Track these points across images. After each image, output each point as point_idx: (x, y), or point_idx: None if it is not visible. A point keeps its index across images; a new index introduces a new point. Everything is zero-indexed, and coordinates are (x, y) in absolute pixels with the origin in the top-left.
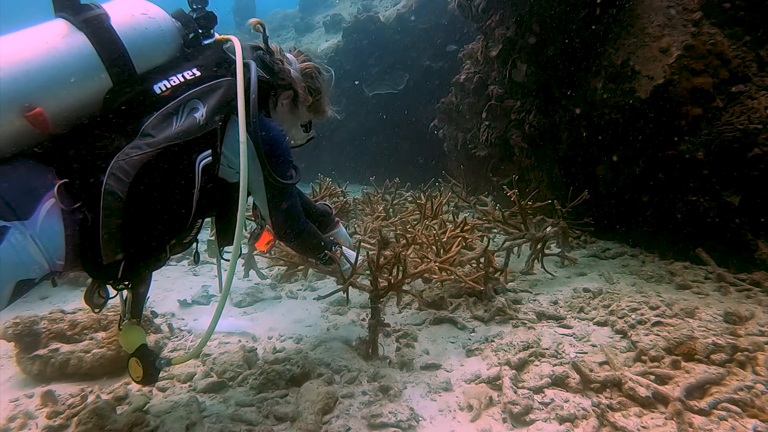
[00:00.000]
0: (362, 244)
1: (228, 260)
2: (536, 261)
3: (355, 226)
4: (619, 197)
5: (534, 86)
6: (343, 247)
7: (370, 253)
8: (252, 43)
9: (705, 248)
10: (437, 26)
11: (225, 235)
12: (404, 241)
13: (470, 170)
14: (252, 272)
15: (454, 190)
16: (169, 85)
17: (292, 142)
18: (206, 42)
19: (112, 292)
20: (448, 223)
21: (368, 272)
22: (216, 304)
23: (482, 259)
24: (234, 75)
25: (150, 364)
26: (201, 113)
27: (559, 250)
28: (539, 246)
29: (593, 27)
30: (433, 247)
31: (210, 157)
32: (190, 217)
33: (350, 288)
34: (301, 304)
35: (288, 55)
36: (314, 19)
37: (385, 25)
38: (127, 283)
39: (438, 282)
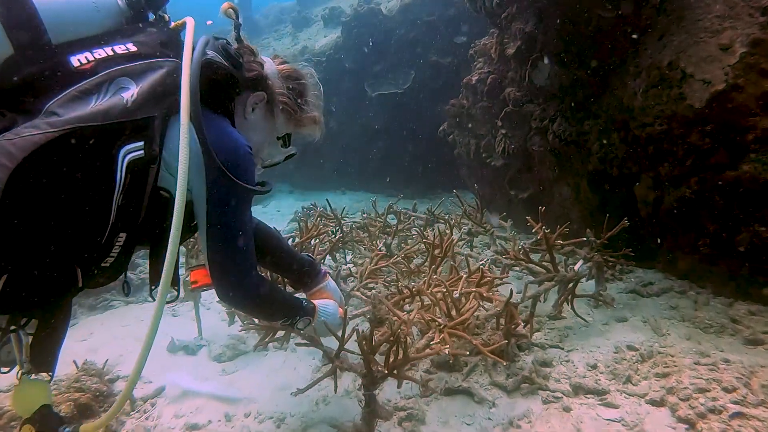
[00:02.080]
0: (355, 293)
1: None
2: (566, 302)
3: (350, 266)
4: (662, 221)
5: (558, 90)
6: (320, 307)
7: (362, 331)
8: (217, 35)
9: None
10: (444, 18)
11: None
12: (408, 291)
13: (484, 180)
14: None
15: (467, 215)
16: (91, 58)
17: (266, 160)
18: (153, 21)
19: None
20: (460, 265)
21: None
22: (202, 350)
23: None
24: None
25: None
26: (131, 94)
27: (589, 282)
28: (570, 286)
29: (632, 18)
30: (442, 303)
31: (141, 152)
32: (107, 228)
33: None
34: (290, 359)
35: (264, 57)
36: (312, 12)
37: (388, 18)
38: (19, 316)
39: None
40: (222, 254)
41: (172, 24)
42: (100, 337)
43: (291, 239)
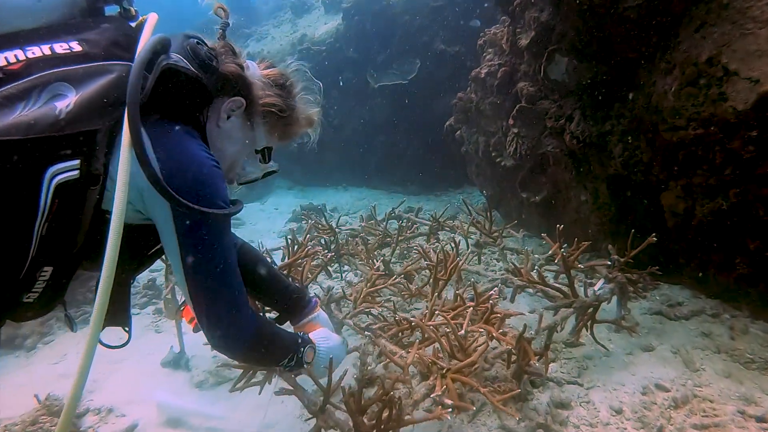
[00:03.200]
0: (347, 321)
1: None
2: (585, 328)
3: (342, 285)
4: (693, 235)
5: (577, 86)
6: (319, 346)
7: (348, 389)
8: (189, 32)
9: None
10: (452, 4)
11: (113, 308)
12: (407, 324)
13: (493, 180)
14: None
15: (475, 224)
16: (22, 57)
17: (242, 177)
18: (112, 16)
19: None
20: (465, 284)
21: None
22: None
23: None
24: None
25: None
26: (67, 103)
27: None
28: (590, 311)
29: (664, 6)
30: (445, 341)
31: (75, 173)
32: (26, 260)
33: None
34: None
35: (248, 61)
36: None
37: (392, 4)
38: None
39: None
40: (205, 294)
41: (139, 19)
42: (75, 358)
43: (280, 251)
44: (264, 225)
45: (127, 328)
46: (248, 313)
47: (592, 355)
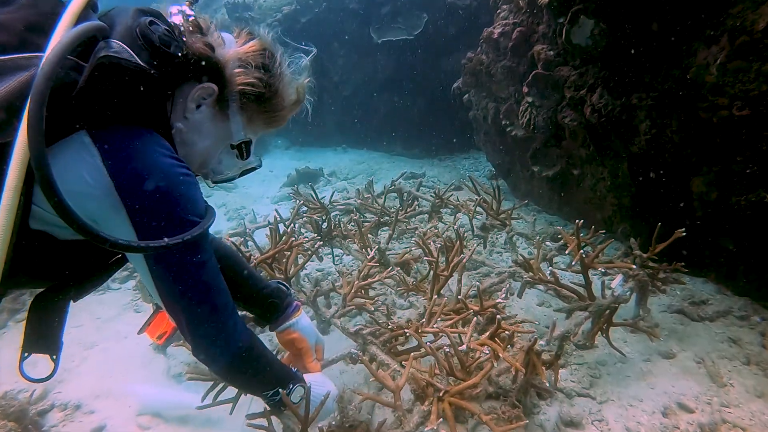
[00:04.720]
0: (335, 321)
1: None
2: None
3: (334, 281)
4: (724, 226)
5: (602, 52)
6: (311, 379)
7: (326, 429)
8: (143, 8)
9: None
10: None
11: (39, 329)
12: (400, 332)
13: (503, 148)
14: None
15: (482, 205)
16: None
17: (217, 174)
18: None
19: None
20: (470, 293)
21: None
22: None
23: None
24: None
25: None
26: None
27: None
28: (606, 313)
29: None
30: (442, 360)
31: None
32: None
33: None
34: None
35: (225, 35)
36: None
37: None
38: None
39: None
40: (188, 316)
41: None
42: None
43: (267, 224)
44: (257, 189)
45: (54, 357)
46: (237, 325)
47: (605, 360)
